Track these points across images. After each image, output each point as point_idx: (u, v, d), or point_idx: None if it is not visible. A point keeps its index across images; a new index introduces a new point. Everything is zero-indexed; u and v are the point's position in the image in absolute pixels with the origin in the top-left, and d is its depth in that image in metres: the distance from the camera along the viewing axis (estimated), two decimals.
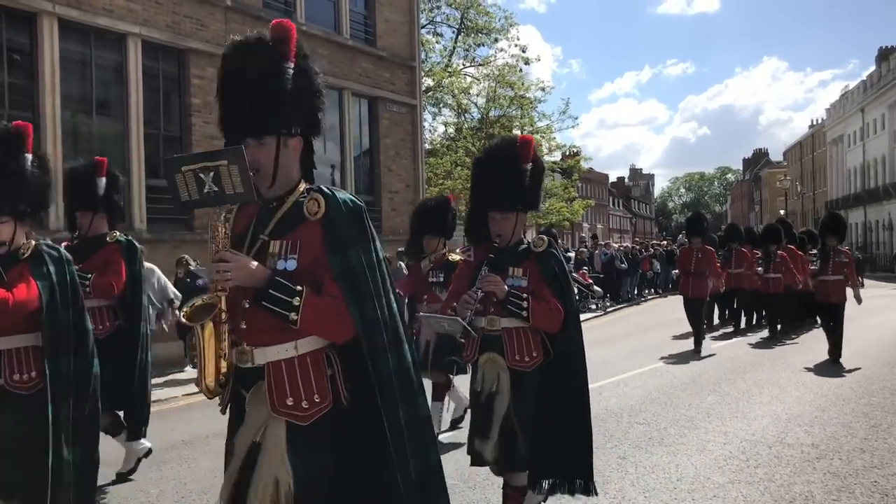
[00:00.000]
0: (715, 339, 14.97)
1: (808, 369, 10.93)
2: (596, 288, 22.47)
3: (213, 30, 13.85)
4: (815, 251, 15.05)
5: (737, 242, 16.82)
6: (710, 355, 12.60)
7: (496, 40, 31.40)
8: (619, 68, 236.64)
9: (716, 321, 17.15)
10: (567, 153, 36.71)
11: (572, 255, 24.06)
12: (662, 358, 12.23)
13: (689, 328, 14.16)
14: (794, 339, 14.83)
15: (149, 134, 12.89)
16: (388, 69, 18.16)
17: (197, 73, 13.53)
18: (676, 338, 14.73)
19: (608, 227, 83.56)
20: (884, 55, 53.50)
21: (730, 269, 16.05)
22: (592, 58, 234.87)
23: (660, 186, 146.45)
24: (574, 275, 22.13)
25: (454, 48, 31.75)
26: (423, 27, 28.32)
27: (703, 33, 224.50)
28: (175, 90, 13.52)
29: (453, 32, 31.80)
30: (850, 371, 10.71)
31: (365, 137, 17.86)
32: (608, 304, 22.97)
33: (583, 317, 20.62)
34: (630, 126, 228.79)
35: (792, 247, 16.14)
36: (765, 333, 15.15)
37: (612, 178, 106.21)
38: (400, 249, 15.18)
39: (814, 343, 13.85)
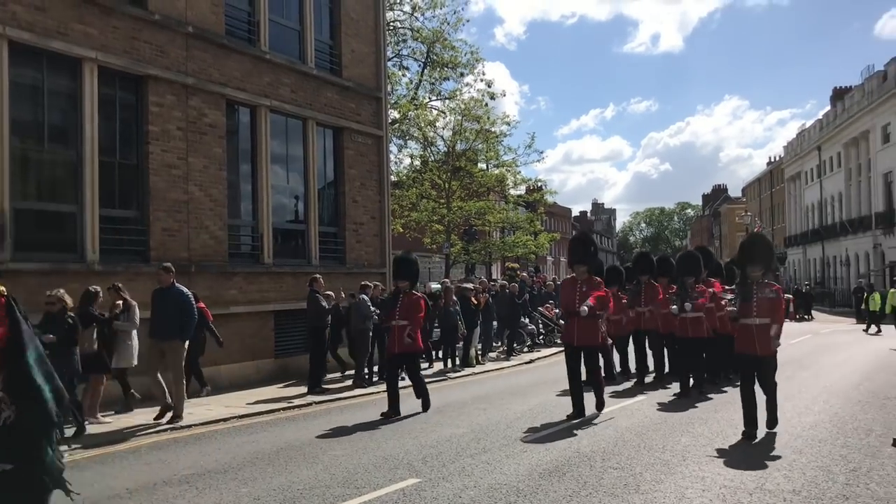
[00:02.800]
0: (615, 395, 12.04)
1: (781, 408, 10.69)
2: (562, 321, 22.23)
3: (174, 56, 13.47)
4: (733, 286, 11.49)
5: (647, 274, 14.06)
6: (599, 422, 9.79)
7: (462, 74, 31.48)
8: (585, 105, 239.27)
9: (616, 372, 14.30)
10: (532, 187, 36.82)
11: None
12: (627, 395, 11.94)
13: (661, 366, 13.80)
14: (710, 398, 11.75)
15: (104, 162, 12.40)
16: (353, 99, 17.90)
17: (156, 101, 13.11)
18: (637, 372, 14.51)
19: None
20: (838, 95, 54.86)
21: (639, 306, 13.79)
22: (559, 95, 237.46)
23: (621, 221, 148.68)
24: (539, 309, 21.95)
25: (420, 81, 31.76)
26: (390, 60, 28.22)
27: (667, 72, 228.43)
28: (132, 117, 13.07)
29: (419, 66, 31.83)
30: (822, 410, 10.54)
31: (329, 168, 17.52)
32: None
33: (548, 352, 20.37)
34: (594, 161, 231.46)
35: (715, 280, 13.48)
36: (678, 387, 12.20)
37: (575, 213, 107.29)
38: (364, 283, 14.88)
39: (783, 381, 13.71)
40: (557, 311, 21.08)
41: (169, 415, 10.32)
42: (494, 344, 20.04)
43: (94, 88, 12.16)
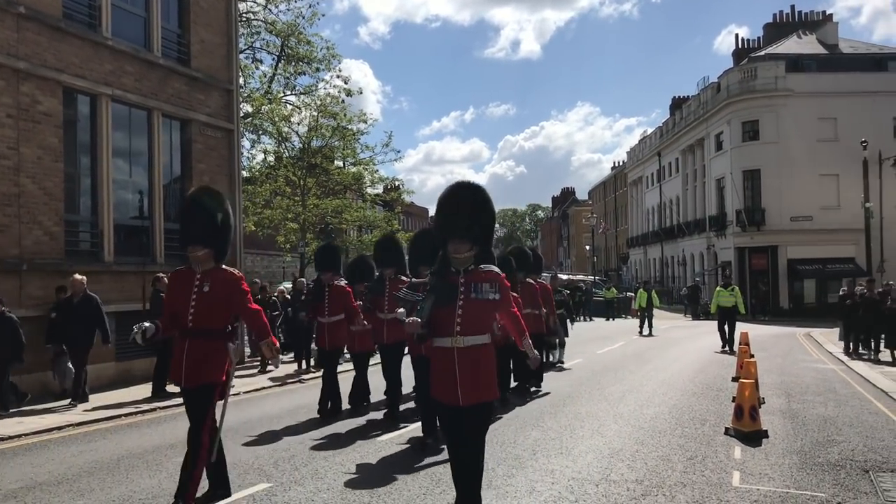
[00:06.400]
0: (324, 448, 8.42)
1: (624, 401, 11.23)
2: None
3: (3, 38, 12.44)
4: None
5: (393, 267, 10.29)
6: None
7: (318, 70, 31.02)
8: (446, 107, 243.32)
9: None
10: (389, 186, 36.86)
11: None
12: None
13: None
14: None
15: None
16: (202, 91, 17.20)
17: None
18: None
19: None
20: (677, 104, 58.42)
21: (380, 312, 10.03)
22: (421, 96, 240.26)
23: None
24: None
25: (274, 75, 31.01)
26: (242, 52, 27.41)
27: (525, 78, 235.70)
28: None
29: (273, 59, 31.09)
30: (662, 402, 11.13)
31: (176, 162, 16.75)
32: None
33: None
34: (454, 162, 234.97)
35: None
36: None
37: (432, 213, 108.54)
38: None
39: (626, 374, 14.41)
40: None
41: None
42: None
43: None
